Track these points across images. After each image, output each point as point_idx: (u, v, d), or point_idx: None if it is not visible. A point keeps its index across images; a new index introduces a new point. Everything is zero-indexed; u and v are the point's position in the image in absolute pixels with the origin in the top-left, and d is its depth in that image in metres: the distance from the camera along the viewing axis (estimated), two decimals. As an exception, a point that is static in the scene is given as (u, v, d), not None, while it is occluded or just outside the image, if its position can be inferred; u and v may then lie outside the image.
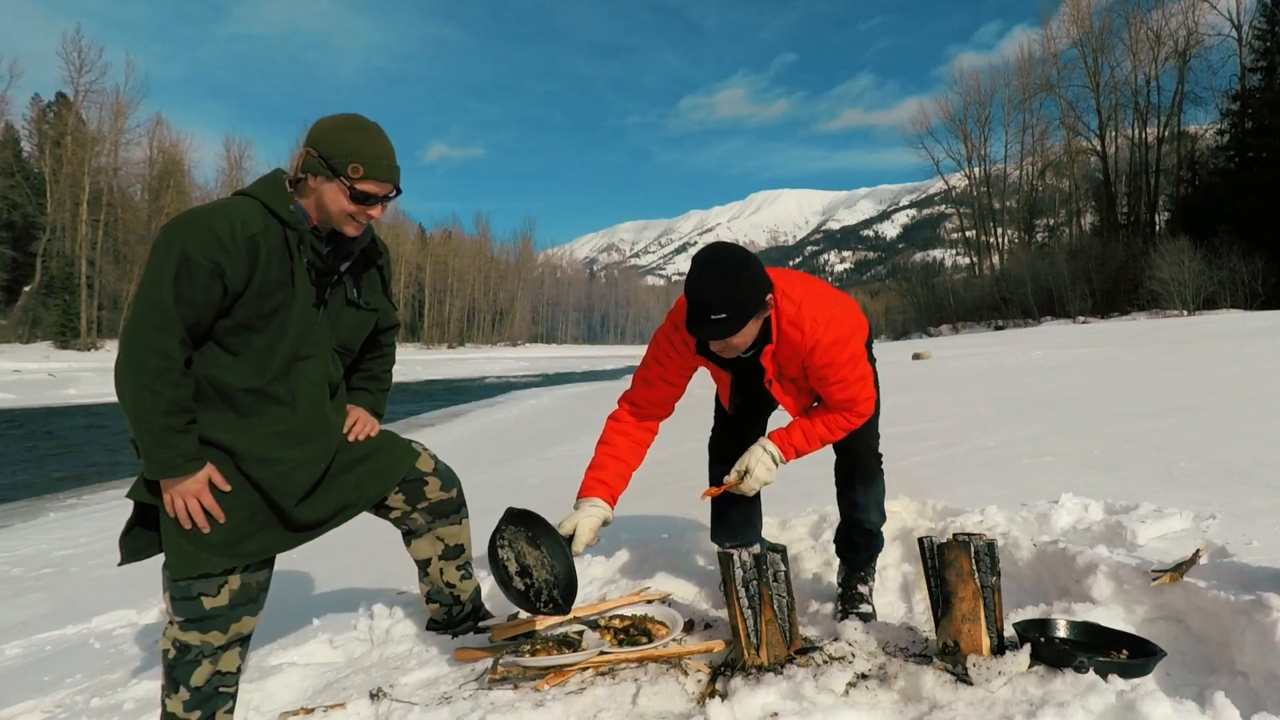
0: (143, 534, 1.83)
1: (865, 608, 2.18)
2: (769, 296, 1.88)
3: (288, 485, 1.84)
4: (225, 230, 1.67)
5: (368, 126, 1.80)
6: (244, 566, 1.80)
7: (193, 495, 1.72)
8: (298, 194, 1.81)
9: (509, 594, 1.92)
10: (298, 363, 1.82)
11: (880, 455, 2.30)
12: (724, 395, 2.23)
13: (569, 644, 1.92)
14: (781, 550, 1.82)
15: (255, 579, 1.83)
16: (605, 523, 2.05)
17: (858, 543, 2.27)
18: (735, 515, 2.32)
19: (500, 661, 1.89)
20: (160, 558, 1.82)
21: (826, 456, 2.28)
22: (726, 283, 1.79)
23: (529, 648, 1.90)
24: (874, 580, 2.31)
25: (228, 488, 1.77)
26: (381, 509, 2.12)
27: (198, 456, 1.73)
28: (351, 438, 2.03)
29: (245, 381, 1.76)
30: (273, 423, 1.81)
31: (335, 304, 1.90)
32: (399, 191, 1.85)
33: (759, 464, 2.05)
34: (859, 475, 2.25)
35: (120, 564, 1.86)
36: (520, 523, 1.94)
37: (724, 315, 1.78)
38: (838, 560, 2.38)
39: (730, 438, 2.31)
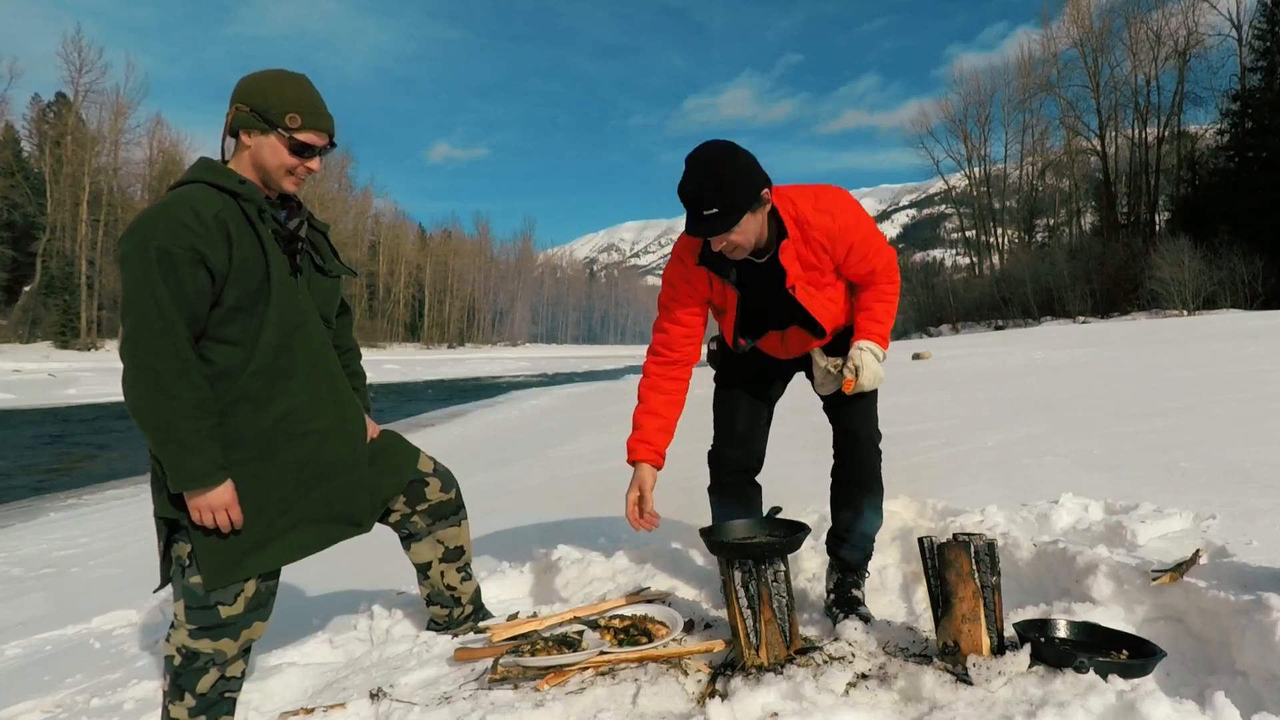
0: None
1: (863, 610, 2.16)
2: (765, 191, 1.85)
3: (327, 455, 1.83)
4: (190, 216, 1.62)
5: (297, 77, 1.77)
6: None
7: (222, 508, 1.68)
8: (234, 160, 1.77)
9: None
10: (293, 333, 1.79)
11: (880, 452, 2.26)
12: (729, 328, 2.16)
13: (569, 644, 1.92)
14: (781, 550, 1.82)
15: (267, 584, 1.82)
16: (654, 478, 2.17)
17: (856, 545, 2.24)
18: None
19: (500, 661, 1.89)
20: None
21: (825, 456, 2.28)
22: (714, 177, 1.78)
23: (529, 648, 1.90)
24: (865, 583, 2.29)
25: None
26: (383, 511, 2.10)
27: (225, 465, 1.69)
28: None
29: (252, 365, 1.73)
30: (288, 399, 1.79)
31: (307, 271, 1.87)
32: (334, 144, 1.82)
33: (870, 358, 2.03)
34: (860, 474, 2.21)
35: (157, 589, 1.85)
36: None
37: (715, 210, 1.78)
38: (828, 561, 2.34)
39: (736, 441, 2.30)
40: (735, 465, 2.32)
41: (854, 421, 2.19)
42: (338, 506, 1.88)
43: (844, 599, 2.18)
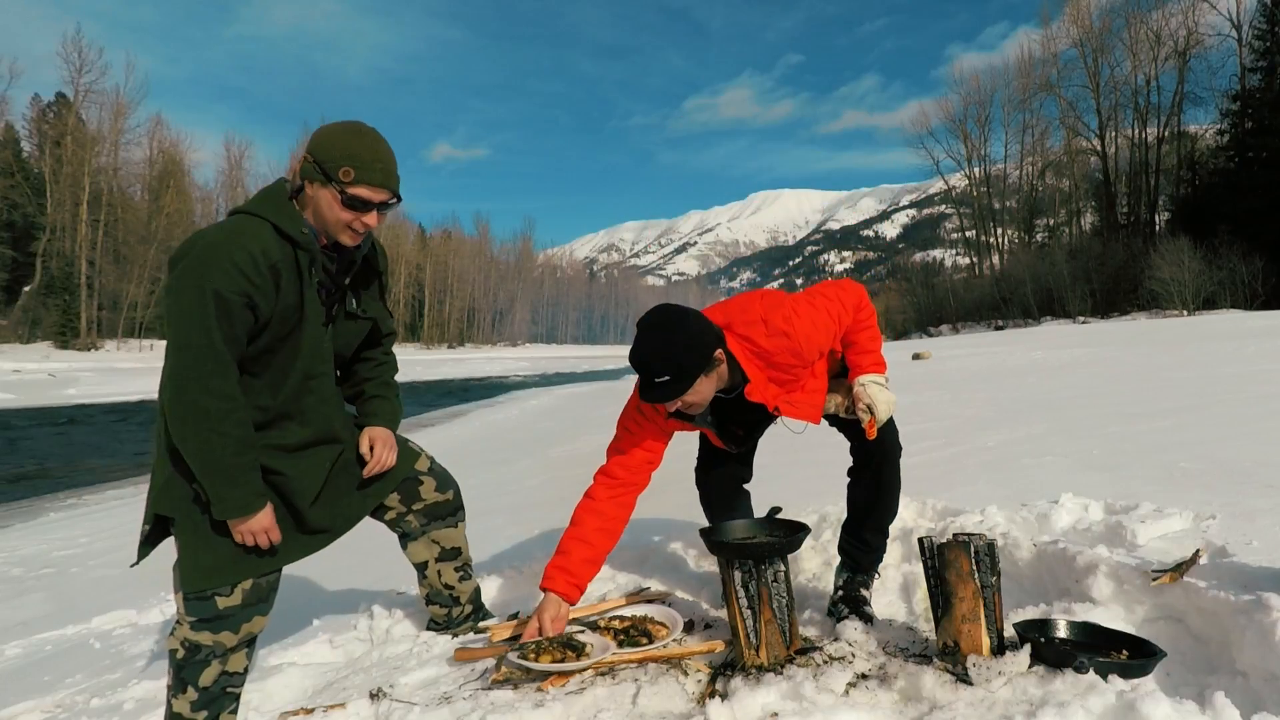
0: (157, 541, 1.84)
1: (868, 609, 2.16)
2: (717, 352, 1.86)
3: (300, 489, 1.86)
4: (248, 262, 1.65)
5: (364, 131, 1.76)
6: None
7: (263, 532, 1.76)
8: (299, 205, 1.79)
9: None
10: (309, 381, 1.84)
11: (901, 448, 2.21)
12: (717, 443, 2.21)
13: (573, 647, 1.92)
14: (781, 550, 1.82)
15: (267, 579, 1.85)
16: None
17: (869, 543, 2.23)
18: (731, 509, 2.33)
19: (504, 662, 1.89)
20: (166, 557, 1.83)
21: (826, 456, 2.28)
22: (664, 346, 1.80)
23: (533, 652, 1.89)
24: (874, 583, 2.29)
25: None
26: (378, 510, 2.11)
27: (263, 493, 1.76)
28: (375, 469, 2.01)
29: (261, 400, 1.78)
30: (284, 435, 1.83)
31: (338, 318, 1.91)
32: (398, 199, 1.80)
33: (876, 390, 2.03)
34: (885, 477, 2.17)
35: (134, 564, 1.89)
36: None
37: (667, 378, 1.80)
38: (839, 559, 2.33)
39: (722, 469, 2.31)
40: (722, 485, 2.34)
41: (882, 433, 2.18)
42: (313, 523, 1.91)
43: (851, 597, 2.17)
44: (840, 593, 2.20)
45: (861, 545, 2.22)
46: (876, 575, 2.28)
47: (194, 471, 1.70)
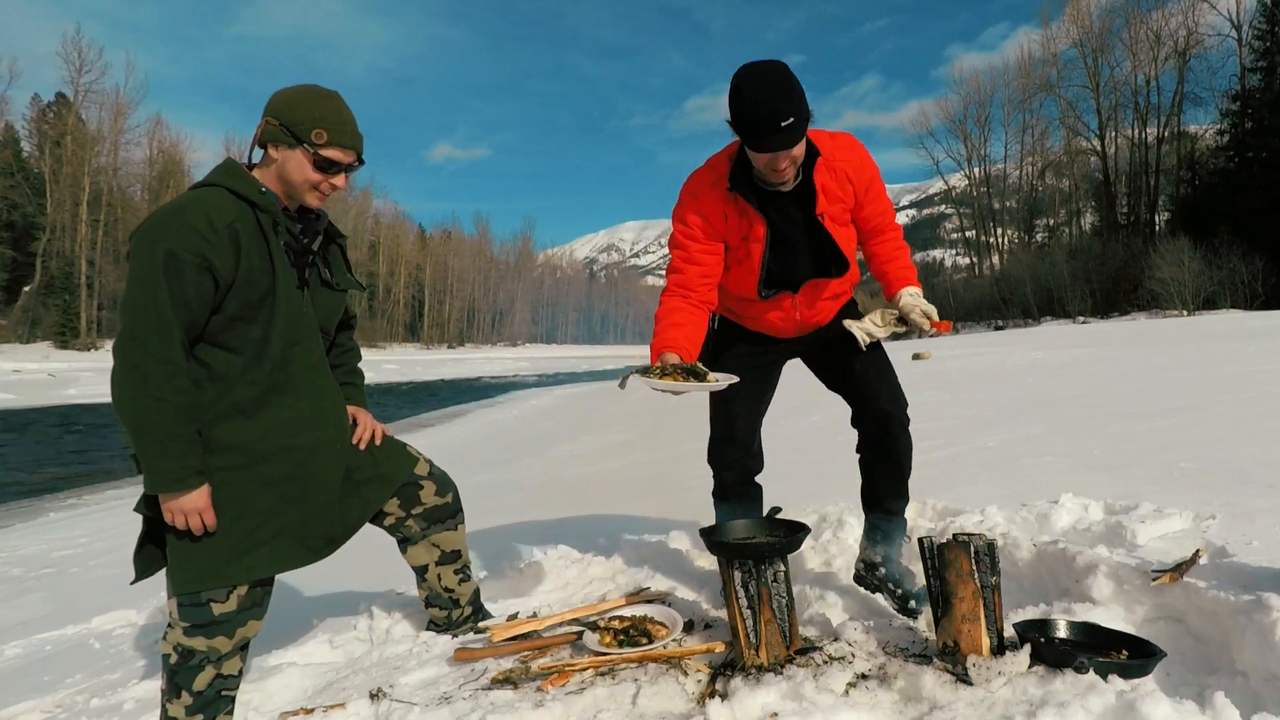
0: (155, 551, 1.80)
1: (918, 582, 2.11)
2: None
3: (314, 472, 1.83)
4: (204, 223, 1.63)
5: (330, 94, 1.78)
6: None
7: (195, 513, 1.68)
8: (260, 170, 1.78)
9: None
10: (293, 348, 1.79)
11: (909, 420, 2.23)
12: (754, 272, 2.07)
13: (696, 374, 1.87)
14: (780, 549, 1.82)
15: (262, 585, 1.83)
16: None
17: (893, 511, 2.22)
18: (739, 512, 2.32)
19: (630, 373, 1.89)
20: None
21: (826, 456, 2.28)
22: (785, 88, 1.75)
23: (658, 373, 1.86)
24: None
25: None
26: (377, 516, 2.09)
27: (202, 470, 1.68)
28: (364, 445, 2.00)
29: (248, 375, 1.74)
30: (280, 411, 1.79)
31: (314, 285, 1.88)
32: (362, 161, 1.83)
33: (921, 303, 2.08)
34: (900, 453, 2.19)
35: (133, 581, 1.84)
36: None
37: (792, 120, 1.75)
38: (869, 534, 2.27)
39: (736, 442, 2.29)
40: (736, 465, 2.32)
41: (885, 401, 2.19)
42: (315, 526, 1.87)
43: (891, 577, 2.17)
44: (882, 570, 2.19)
45: (888, 515, 2.25)
46: (906, 539, 2.30)
47: (130, 440, 1.63)
